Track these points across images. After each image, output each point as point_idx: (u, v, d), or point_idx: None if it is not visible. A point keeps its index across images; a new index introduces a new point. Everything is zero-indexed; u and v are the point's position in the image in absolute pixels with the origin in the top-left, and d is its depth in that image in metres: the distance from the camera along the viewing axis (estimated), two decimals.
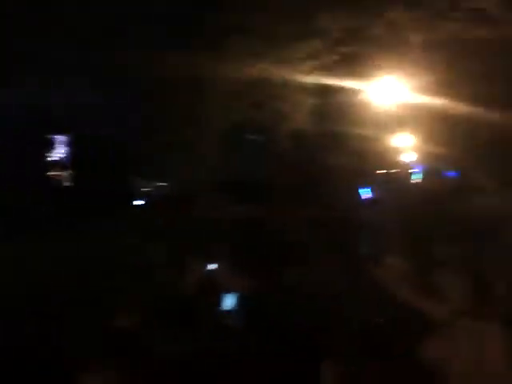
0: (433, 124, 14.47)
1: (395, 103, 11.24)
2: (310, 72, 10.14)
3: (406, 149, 16.13)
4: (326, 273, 2.57)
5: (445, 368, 1.96)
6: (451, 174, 14.66)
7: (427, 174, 14.73)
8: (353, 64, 10.35)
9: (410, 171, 16.75)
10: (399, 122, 13.28)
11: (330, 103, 11.27)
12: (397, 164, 16.70)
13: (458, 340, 2.36)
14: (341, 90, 10.84)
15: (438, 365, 2.16)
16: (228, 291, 2.55)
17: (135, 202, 3.70)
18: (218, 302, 2.41)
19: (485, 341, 2.36)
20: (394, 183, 12.93)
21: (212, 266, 2.83)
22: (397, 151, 15.62)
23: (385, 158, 14.95)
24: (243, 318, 2.24)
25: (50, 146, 7.81)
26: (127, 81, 7.97)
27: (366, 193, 7.44)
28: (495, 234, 6.52)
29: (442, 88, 12.67)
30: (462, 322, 2.43)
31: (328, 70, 10.33)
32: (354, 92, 10.94)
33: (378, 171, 14.42)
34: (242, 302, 2.40)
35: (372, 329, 1.74)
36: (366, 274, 2.65)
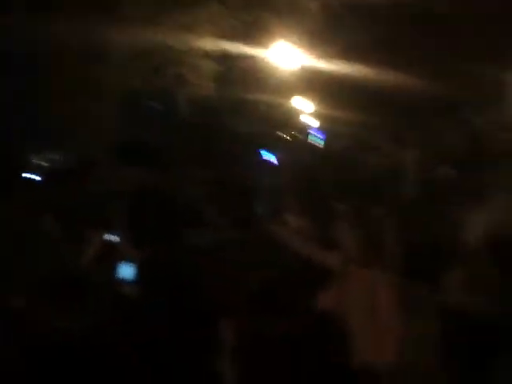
0: (333, 89, 14.83)
1: (296, 69, 11.39)
2: (209, 37, 9.99)
3: (307, 113, 16.50)
4: (224, 233, 2.57)
5: (341, 319, 2.04)
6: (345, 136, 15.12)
7: (327, 137, 15.23)
8: (253, 30, 10.32)
9: (310, 134, 17.19)
10: (300, 87, 13.49)
11: (231, 69, 11.21)
12: (298, 127, 17.08)
13: (352, 291, 2.45)
14: (241, 55, 10.80)
15: (336, 318, 2.23)
16: (127, 261, 2.47)
17: (25, 177, 3.46)
18: (116, 274, 2.33)
19: (376, 291, 2.46)
20: (295, 146, 13.24)
21: (110, 237, 2.72)
22: (297, 115, 15.95)
23: (286, 121, 15.22)
24: (143, 288, 2.17)
25: None
26: (11, 43, 7.44)
27: (266, 155, 7.55)
28: (384, 189, 6.96)
29: (341, 53, 12.96)
30: (355, 273, 2.52)
31: (229, 35, 10.22)
32: (254, 58, 10.95)
33: (279, 135, 14.65)
34: (141, 271, 2.33)
35: (269, 284, 1.75)
36: (261, 231, 2.68)
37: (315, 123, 17.02)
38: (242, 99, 11.85)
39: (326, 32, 11.72)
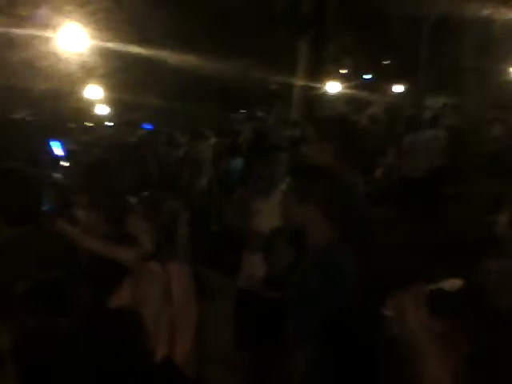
0: (128, 75, 14.45)
1: (86, 54, 10.86)
2: None
3: (100, 101, 15.87)
4: None
5: (137, 315, 2.00)
6: (147, 126, 15.01)
7: (122, 126, 14.83)
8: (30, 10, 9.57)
9: (104, 124, 16.58)
10: (92, 73, 12.92)
11: (15, 56, 10.26)
12: (91, 116, 16.36)
13: (147, 284, 2.41)
14: (25, 41, 9.96)
15: (131, 313, 2.18)
16: None
17: None
18: None
19: (172, 282, 2.46)
20: (88, 136, 12.68)
21: None
22: (90, 104, 15.27)
23: (78, 110, 14.49)
24: None
25: None
26: None
27: (57, 147, 7.10)
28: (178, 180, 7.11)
29: (136, 38, 12.67)
30: (150, 266, 2.50)
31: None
32: (41, 43, 10.16)
33: (70, 124, 13.91)
34: None
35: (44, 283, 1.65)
36: (45, 227, 2.50)
37: (111, 112, 16.49)
38: (28, 88, 10.98)
39: (113, 13, 11.44)
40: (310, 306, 2.16)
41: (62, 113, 12.52)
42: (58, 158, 6.66)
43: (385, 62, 19.83)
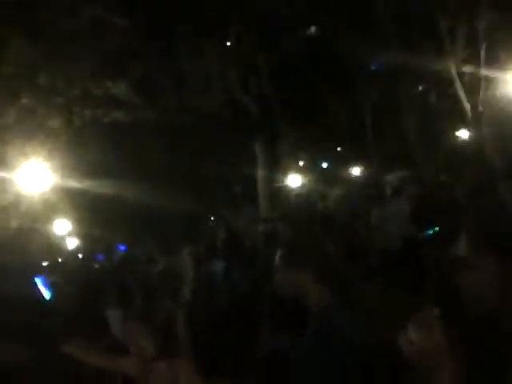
0: (88, 206, 14.67)
1: (47, 190, 11.03)
2: None
3: (68, 234, 15.91)
4: None
5: None
6: (122, 248, 15.05)
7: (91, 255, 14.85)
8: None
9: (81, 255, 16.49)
10: (55, 208, 13.06)
11: None
12: (63, 251, 16.31)
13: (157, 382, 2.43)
14: None
15: None
16: None
17: None
18: None
19: (180, 380, 2.48)
20: (65, 271, 12.57)
21: None
22: (58, 238, 15.29)
23: (49, 247, 14.46)
24: None
25: None
26: None
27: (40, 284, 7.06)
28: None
29: (91, 170, 13.03)
30: (157, 368, 2.52)
31: None
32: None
33: (44, 262, 13.79)
34: None
35: None
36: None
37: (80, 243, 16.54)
38: None
39: (72, 150, 11.81)
40: (315, 372, 2.20)
41: (34, 251, 12.49)
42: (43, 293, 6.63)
43: (338, 149, 20.73)
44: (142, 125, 14.43)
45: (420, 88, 15.60)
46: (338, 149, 20.78)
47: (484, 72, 12.19)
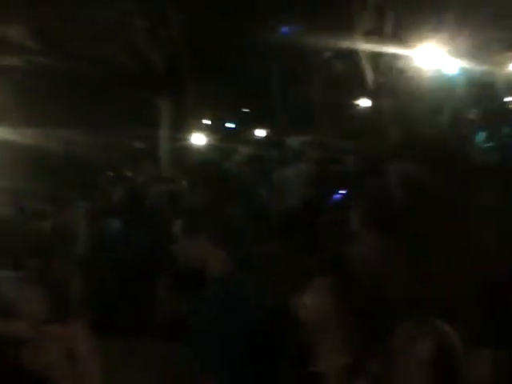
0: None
1: None
2: None
3: None
4: None
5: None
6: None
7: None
8: None
9: None
10: None
11: None
12: None
13: (50, 349, 2.34)
14: None
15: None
16: None
17: None
18: None
19: (75, 344, 2.41)
20: None
21: None
22: None
23: None
24: None
25: None
26: None
27: None
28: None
29: None
30: (48, 329, 2.42)
31: None
32: None
33: None
34: None
35: None
36: None
37: None
38: None
39: None
40: (216, 337, 2.22)
41: None
42: None
43: (245, 110, 20.77)
44: (41, 71, 13.61)
45: (325, 55, 15.90)
46: (244, 110, 20.84)
47: (388, 45, 12.65)
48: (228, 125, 21.38)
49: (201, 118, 18.05)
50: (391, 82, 13.39)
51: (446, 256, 1.40)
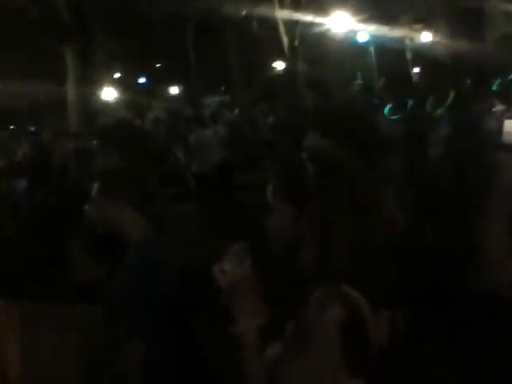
0: None
1: None
2: None
3: None
4: None
5: None
6: None
7: None
8: None
9: None
10: None
11: None
12: None
13: None
14: None
15: None
16: None
17: None
18: None
19: None
20: None
21: None
22: None
23: None
24: None
25: None
26: None
27: None
28: None
29: None
30: None
31: None
32: None
33: None
34: None
35: None
36: None
37: None
38: None
39: None
40: (133, 302, 2.21)
41: None
42: None
43: (157, 65, 20.21)
44: None
45: (243, 13, 15.73)
46: (157, 65, 20.27)
47: (303, 12, 12.76)
48: (140, 80, 20.74)
49: (111, 72, 17.39)
50: (305, 48, 13.56)
51: (353, 226, 1.50)
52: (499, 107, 5.50)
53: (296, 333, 1.38)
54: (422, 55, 15.15)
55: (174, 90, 18.87)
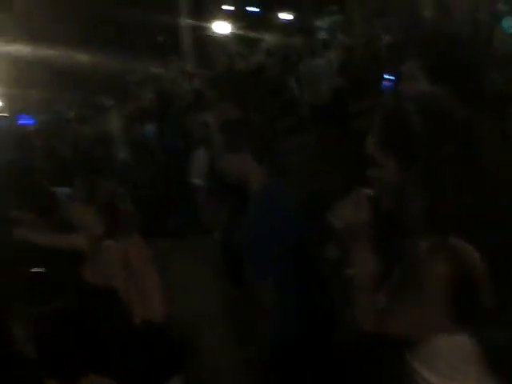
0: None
1: None
2: None
3: None
4: None
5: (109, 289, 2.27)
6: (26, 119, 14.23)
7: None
8: None
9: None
10: None
11: None
12: None
13: (109, 262, 2.60)
14: None
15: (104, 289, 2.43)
16: None
17: None
18: None
19: (131, 255, 2.66)
20: None
21: None
22: None
23: None
24: None
25: None
26: None
27: None
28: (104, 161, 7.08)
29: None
30: (107, 245, 2.66)
31: None
32: None
33: None
34: None
35: None
36: None
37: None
38: None
39: None
40: (263, 246, 2.31)
41: None
42: None
43: None
44: None
45: None
46: None
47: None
48: (251, 9, 20.38)
49: (221, 4, 17.31)
50: None
51: (462, 180, 1.42)
52: None
53: (402, 285, 1.41)
54: None
55: (286, 16, 18.37)
